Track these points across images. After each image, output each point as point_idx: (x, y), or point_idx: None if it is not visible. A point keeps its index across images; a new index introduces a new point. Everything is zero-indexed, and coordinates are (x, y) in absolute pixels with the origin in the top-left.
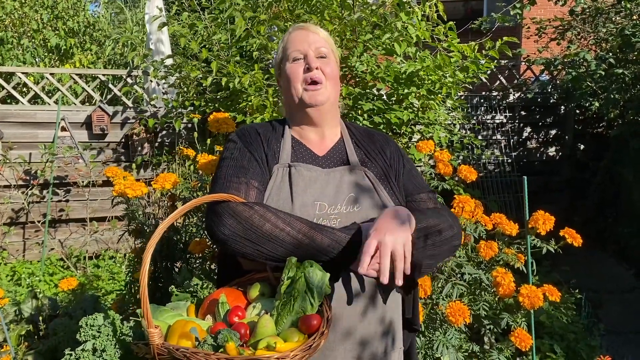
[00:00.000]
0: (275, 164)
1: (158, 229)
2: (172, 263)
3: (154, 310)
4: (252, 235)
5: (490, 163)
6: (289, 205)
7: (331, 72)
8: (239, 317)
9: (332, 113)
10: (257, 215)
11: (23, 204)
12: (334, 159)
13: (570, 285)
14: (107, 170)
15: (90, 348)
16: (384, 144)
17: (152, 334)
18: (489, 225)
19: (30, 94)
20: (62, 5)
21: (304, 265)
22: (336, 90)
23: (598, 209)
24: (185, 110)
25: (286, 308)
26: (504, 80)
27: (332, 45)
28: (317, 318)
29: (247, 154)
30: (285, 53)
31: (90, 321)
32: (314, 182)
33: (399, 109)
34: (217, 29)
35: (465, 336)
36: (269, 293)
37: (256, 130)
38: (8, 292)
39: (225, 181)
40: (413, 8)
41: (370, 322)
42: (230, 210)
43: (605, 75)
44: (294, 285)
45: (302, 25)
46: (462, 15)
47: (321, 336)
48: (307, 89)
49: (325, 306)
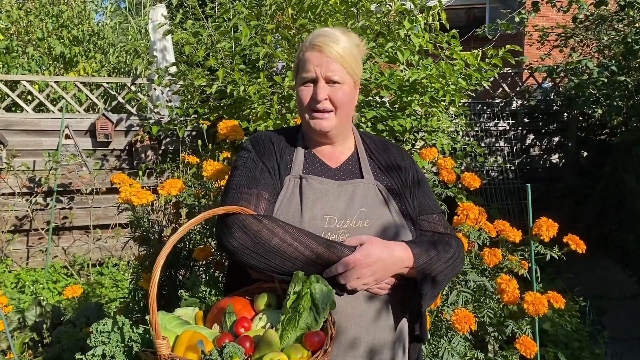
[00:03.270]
0: (287, 175)
1: (170, 240)
2: (176, 270)
3: (162, 318)
4: (260, 248)
5: (494, 170)
6: (298, 218)
7: (342, 97)
8: (245, 329)
9: (343, 132)
10: (265, 229)
11: (27, 212)
12: (347, 171)
13: (574, 292)
14: (114, 177)
15: (99, 354)
16: (399, 158)
17: (160, 345)
18: (492, 232)
19: (35, 102)
20: (67, 14)
21: (310, 280)
22: (347, 114)
23: (601, 215)
24: (189, 118)
25: (291, 323)
26: (506, 88)
27: (351, 62)
28: (321, 335)
29: (259, 163)
30: (299, 71)
31: (100, 327)
32: (325, 195)
33: (402, 116)
34: (221, 37)
35: (470, 344)
36: (275, 304)
37: (270, 139)
38: (12, 299)
39: (237, 192)
40: (416, 16)
41: (379, 331)
42: (239, 222)
43: (608, 82)
44: (299, 300)
45: (318, 45)
46: (465, 23)
47: (324, 354)
48: (314, 116)
49: (329, 322)
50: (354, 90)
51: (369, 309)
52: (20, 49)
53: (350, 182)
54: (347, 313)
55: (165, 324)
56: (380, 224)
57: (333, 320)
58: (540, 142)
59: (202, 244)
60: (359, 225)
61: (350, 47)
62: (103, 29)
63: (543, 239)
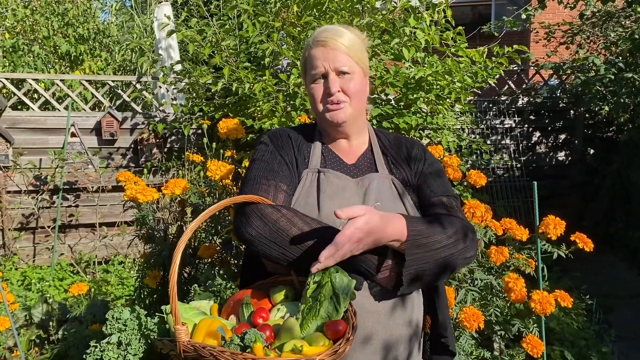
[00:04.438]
0: (304, 169)
1: (191, 225)
2: (181, 268)
3: (180, 308)
4: (278, 238)
5: (500, 168)
6: (315, 212)
7: (354, 87)
8: (263, 319)
9: (358, 125)
10: (284, 219)
11: (33, 209)
12: (363, 167)
13: (580, 290)
14: (120, 174)
15: (115, 341)
16: (411, 149)
17: (179, 330)
18: (499, 230)
19: (41, 100)
20: (72, 13)
21: (330, 270)
22: (361, 104)
23: (608, 213)
24: (195, 116)
25: (312, 312)
26: (512, 85)
27: (357, 52)
28: (343, 324)
29: (277, 156)
30: (307, 70)
31: (117, 314)
32: (343, 191)
33: (408, 113)
34: (225, 35)
35: (476, 342)
36: (292, 296)
37: (288, 134)
38: (19, 297)
39: (255, 183)
40: (422, 13)
41: (396, 326)
42: (258, 211)
43: (615, 79)
44: (320, 289)
45: (323, 40)
46: (470, 20)
47: (347, 342)
48: (329, 109)
49: (350, 312)
50: (364, 79)
51: (386, 304)
52: (26, 47)
53: (366, 177)
54: (364, 308)
55: (182, 313)
56: None
57: (354, 311)
58: (547, 140)
59: (207, 242)
60: None
61: (354, 38)
62: (108, 27)
63: (550, 237)
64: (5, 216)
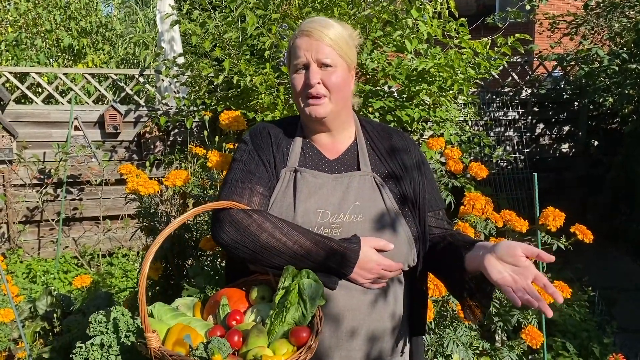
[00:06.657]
0: (283, 168)
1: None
2: (184, 260)
3: (159, 309)
4: (249, 243)
5: (503, 160)
6: (291, 212)
7: (335, 80)
8: (237, 322)
9: (341, 119)
10: (254, 224)
11: (37, 203)
12: (345, 163)
13: (582, 282)
14: (122, 167)
15: (98, 343)
16: (400, 141)
17: (150, 338)
18: (499, 222)
19: (44, 94)
20: (74, 6)
21: (300, 274)
22: (343, 99)
23: (612, 205)
24: (197, 109)
25: (278, 318)
26: (516, 77)
27: (342, 45)
28: (307, 331)
29: (255, 157)
30: (290, 59)
31: (99, 317)
32: (320, 189)
33: (410, 106)
34: (227, 27)
35: (476, 334)
36: (269, 297)
37: (268, 131)
38: (23, 289)
39: (231, 186)
40: (424, 4)
41: (377, 320)
42: (230, 217)
43: (619, 70)
44: (287, 296)
45: (308, 30)
46: (474, 11)
47: (307, 350)
48: (309, 103)
49: (317, 318)
50: (348, 74)
51: (365, 299)
52: (29, 41)
53: (346, 175)
54: (343, 305)
55: (161, 316)
56: (372, 216)
57: (321, 316)
58: (550, 132)
59: (208, 234)
60: (353, 220)
61: (341, 32)
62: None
63: (550, 228)
64: (10, 210)
